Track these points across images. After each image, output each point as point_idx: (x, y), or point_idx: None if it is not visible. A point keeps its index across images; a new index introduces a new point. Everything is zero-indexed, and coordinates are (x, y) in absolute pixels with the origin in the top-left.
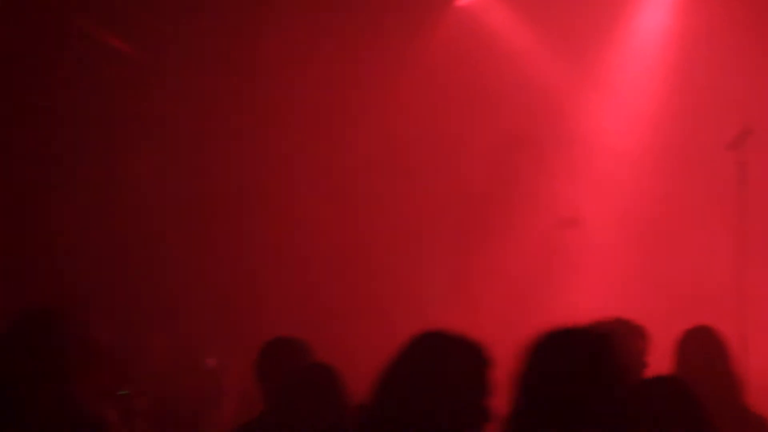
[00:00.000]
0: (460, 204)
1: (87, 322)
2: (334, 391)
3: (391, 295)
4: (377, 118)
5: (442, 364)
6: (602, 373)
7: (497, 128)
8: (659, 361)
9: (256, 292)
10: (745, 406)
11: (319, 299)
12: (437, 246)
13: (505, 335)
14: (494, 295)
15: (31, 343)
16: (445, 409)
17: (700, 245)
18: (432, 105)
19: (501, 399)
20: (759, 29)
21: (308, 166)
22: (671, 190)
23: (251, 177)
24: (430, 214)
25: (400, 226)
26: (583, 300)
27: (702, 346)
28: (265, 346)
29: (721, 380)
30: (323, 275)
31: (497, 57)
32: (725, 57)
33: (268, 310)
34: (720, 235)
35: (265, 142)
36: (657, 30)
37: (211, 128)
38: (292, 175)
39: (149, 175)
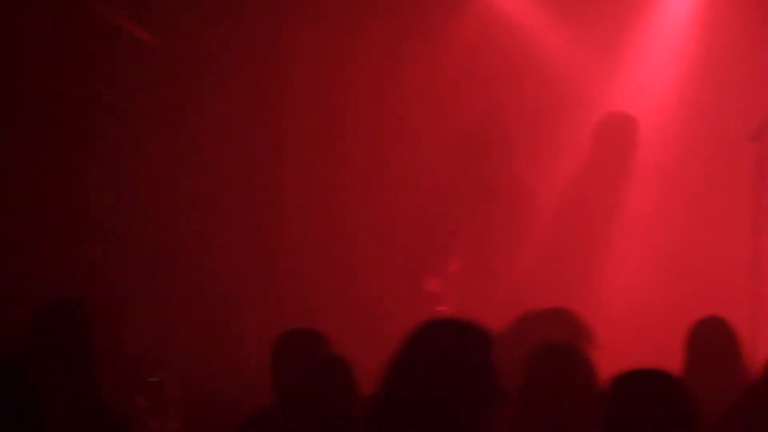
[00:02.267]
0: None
1: (116, 312)
2: (346, 383)
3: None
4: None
5: (452, 350)
6: None
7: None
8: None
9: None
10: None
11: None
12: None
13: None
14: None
15: (56, 331)
16: (455, 395)
17: (716, 237)
18: (449, 102)
19: None
20: None
21: (320, 162)
22: (690, 180)
23: (262, 172)
24: (448, 211)
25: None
26: (591, 290)
27: (713, 337)
28: (281, 337)
29: (731, 375)
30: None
31: (518, 51)
32: (749, 45)
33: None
34: (736, 229)
35: (279, 138)
36: (680, 19)
37: (224, 122)
38: (303, 170)
39: (159, 169)
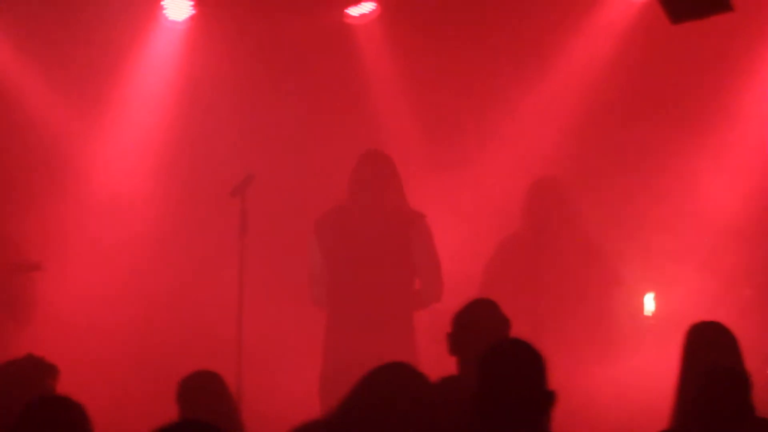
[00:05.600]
0: None
1: None
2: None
3: None
4: None
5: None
6: None
7: None
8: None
9: None
10: None
11: None
12: None
13: None
14: None
15: None
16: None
17: (205, 295)
18: None
19: None
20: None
21: None
22: (175, 235)
23: None
24: None
25: None
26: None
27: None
28: None
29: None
30: None
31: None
32: (232, 99)
33: None
34: (223, 285)
35: None
36: (165, 70)
37: None
38: None
39: None
